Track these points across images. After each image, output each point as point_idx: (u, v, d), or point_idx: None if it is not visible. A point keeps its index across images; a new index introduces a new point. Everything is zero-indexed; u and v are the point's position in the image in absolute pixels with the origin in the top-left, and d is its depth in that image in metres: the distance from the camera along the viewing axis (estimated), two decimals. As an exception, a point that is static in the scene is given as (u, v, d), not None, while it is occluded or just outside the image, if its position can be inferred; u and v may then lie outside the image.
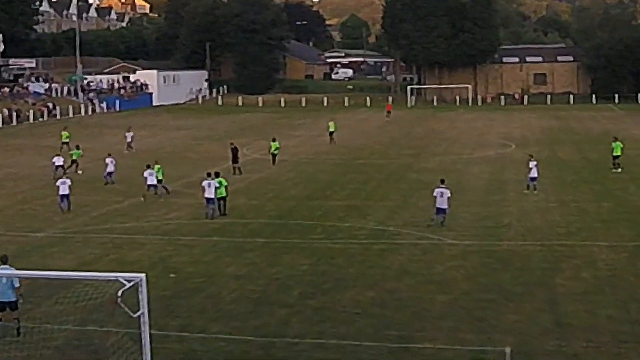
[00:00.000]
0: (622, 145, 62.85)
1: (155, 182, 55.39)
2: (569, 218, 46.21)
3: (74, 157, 65.28)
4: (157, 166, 57.34)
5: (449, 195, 44.24)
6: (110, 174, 60.35)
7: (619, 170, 60.44)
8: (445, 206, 43.84)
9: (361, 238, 42.17)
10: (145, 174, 55.26)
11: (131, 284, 19.87)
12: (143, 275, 20.20)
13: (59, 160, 62.16)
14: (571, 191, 55.38)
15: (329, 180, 61.48)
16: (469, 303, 30.77)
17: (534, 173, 53.79)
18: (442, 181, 45.32)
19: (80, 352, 25.54)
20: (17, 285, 25.18)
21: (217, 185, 46.62)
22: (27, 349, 25.25)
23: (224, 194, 47.47)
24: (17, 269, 30.00)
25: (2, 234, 44.03)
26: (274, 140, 70.01)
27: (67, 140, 79.46)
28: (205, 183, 47.17)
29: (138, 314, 20.08)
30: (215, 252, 39.49)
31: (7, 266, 25.30)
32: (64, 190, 50.01)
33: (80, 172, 63.62)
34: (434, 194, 44.39)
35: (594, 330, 27.60)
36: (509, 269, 35.70)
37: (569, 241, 40.69)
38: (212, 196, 46.52)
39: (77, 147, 67.62)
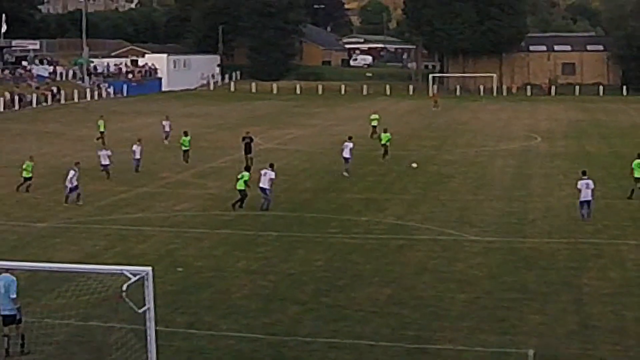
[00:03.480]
0: None
1: (139, 157, 59.98)
2: (596, 215, 46.02)
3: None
4: (185, 138, 59.28)
5: (593, 187, 44.27)
6: (137, 161, 60.16)
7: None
8: (590, 198, 43.68)
9: (378, 233, 42.25)
10: (134, 148, 59.65)
11: (137, 277, 19.92)
12: (149, 268, 20.26)
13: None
14: (599, 187, 55.06)
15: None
16: (490, 302, 30.81)
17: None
18: (584, 172, 45.48)
19: (83, 348, 25.62)
20: (13, 295, 24.86)
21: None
22: (27, 344, 25.36)
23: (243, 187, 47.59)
24: (15, 261, 30.04)
25: (2, 223, 44.21)
26: (385, 131, 68.38)
27: (104, 129, 78.99)
28: (262, 172, 47.48)
29: (143, 309, 20.13)
30: (226, 245, 39.61)
31: (8, 275, 25.04)
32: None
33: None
34: (578, 186, 44.13)
35: (621, 332, 27.61)
36: (533, 267, 35.73)
37: (596, 239, 40.67)
38: (266, 186, 46.69)
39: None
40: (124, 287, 19.75)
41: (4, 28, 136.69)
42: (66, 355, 25.24)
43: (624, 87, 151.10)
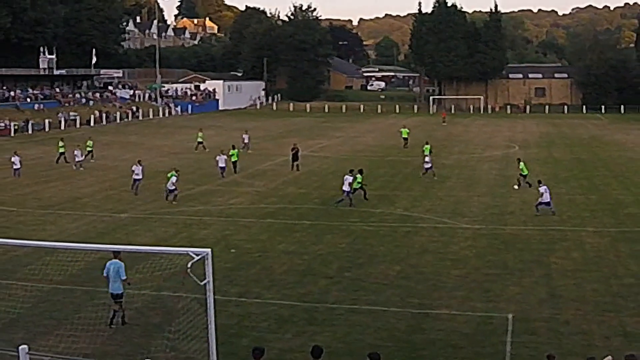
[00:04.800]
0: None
1: (223, 165, 58.63)
2: (561, 208, 45.85)
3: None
4: (234, 151, 59.03)
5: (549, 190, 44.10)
6: (222, 168, 58.65)
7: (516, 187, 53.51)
8: (549, 199, 43.37)
9: (390, 222, 42.19)
10: (218, 158, 59.03)
11: (199, 257, 19.97)
12: (209, 250, 20.28)
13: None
14: (564, 185, 55.04)
15: (364, 174, 61.41)
16: (478, 277, 30.81)
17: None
18: (540, 182, 45.50)
19: (156, 313, 25.79)
20: (123, 277, 25.05)
21: (350, 180, 46.36)
22: (112, 309, 25.51)
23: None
24: (104, 244, 30.20)
25: (93, 214, 44.43)
26: (427, 143, 66.50)
27: (202, 140, 78.91)
28: (345, 177, 46.97)
29: (204, 282, 20.17)
30: (269, 232, 39.64)
31: (117, 260, 25.24)
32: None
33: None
34: (541, 190, 43.62)
35: (581, 300, 27.59)
36: (511, 249, 35.67)
37: (562, 227, 40.52)
38: (347, 189, 46.16)
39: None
40: (189, 265, 19.81)
41: (94, 60, 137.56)
42: (143, 319, 25.40)
43: (584, 107, 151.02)
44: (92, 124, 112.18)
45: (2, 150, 75.38)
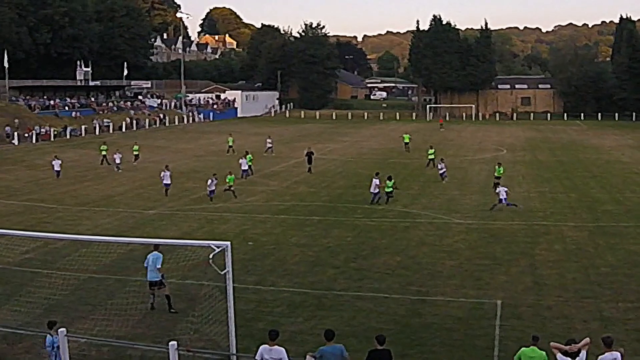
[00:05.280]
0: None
1: (246, 168, 58.04)
2: (545, 205, 45.94)
3: None
4: (249, 156, 58.64)
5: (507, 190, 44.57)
6: (245, 171, 58.17)
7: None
8: (505, 197, 43.75)
9: (391, 217, 42.14)
10: (241, 161, 58.66)
11: (219, 249, 20.00)
12: (228, 243, 20.32)
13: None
14: (547, 185, 54.97)
15: (367, 174, 61.20)
16: (470, 267, 30.75)
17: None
18: (496, 185, 46.64)
19: (182, 299, 25.77)
20: (159, 266, 25.09)
21: (377, 182, 46.04)
22: (142, 296, 25.55)
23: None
24: (134, 237, 30.20)
25: (124, 210, 44.50)
26: (431, 147, 67.42)
27: (232, 144, 78.66)
28: (372, 180, 46.50)
29: (224, 271, 20.20)
30: (283, 226, 39.63)
31: (157, 252, 25.29)
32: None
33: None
34: (497, 190, 44.37)
35: (562, 288, 27.55)
36: (500, 242, 35.60)
37: (545, 222, 40.47)
38: (373, 190, 45.69)
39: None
40: (210, 256, 19.85)
41: (126, 72, 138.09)
42: (166, 304, 25.35)
43: (565, 114, 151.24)
44: (123, 129, 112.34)
45: (44, 153, 75.62)
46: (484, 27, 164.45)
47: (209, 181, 47.75)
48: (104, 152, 67.91)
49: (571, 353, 16.46)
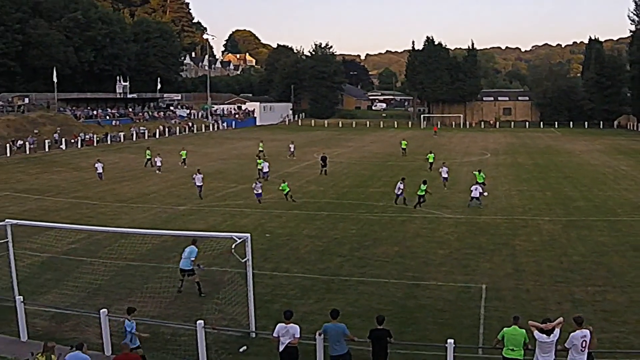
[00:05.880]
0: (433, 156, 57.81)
1: (267, 170, 57.39)
2: (524, 201, 45.80)
3: None
4: (259, 160, 58.86)
5: (480, 189, 44.46)
6: (266, 173, 57.06)
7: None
8: (478, 195, 43.68)
9: (390, 212, 42.10)
10: (263, 165, 57.83)
11: (241, 240, 20.05)
12: (248, 235, 20.40)
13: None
14: (525, 184, 54.80)
15: (369, 175, 61.38)
16: (459, 256, 30.71)
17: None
18: (479, 183, 46.82)
19: (208, 284, 25.79)
20: (193, 257, 25.09)
21: (400, 186, 45.27)
22: (173, 281, 25.60)
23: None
24: (166, 230, 30.21)
25: (158, 206, 44.56)
26: (430, 152, 67.15)
27: (262, 149, 77.68)
28: (397, 183, 45.74)
29: (245, 260, 20.26)
30: (296, 220, 39.64)
31: (194, 246, 25.30)
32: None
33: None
34: (472, 188, 44.36)
35: (539, 274, 27.53)
36: (484, 234, 35.54)
37: (524, 216, 40.37)
38: (398, 193, 44.86)
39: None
40: (233, 246, 19.90)
41: (159, 86, 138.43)
42: (194, 289, 25.35)
43: (541, 123, 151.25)
44: (157, 136, 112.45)
45: (88, 157, 75.76)
46: (470, 47, 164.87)
47: (254, 184, 46.77)
48: (148, 156, 68.34)
49: (547, 330, 16.48)
